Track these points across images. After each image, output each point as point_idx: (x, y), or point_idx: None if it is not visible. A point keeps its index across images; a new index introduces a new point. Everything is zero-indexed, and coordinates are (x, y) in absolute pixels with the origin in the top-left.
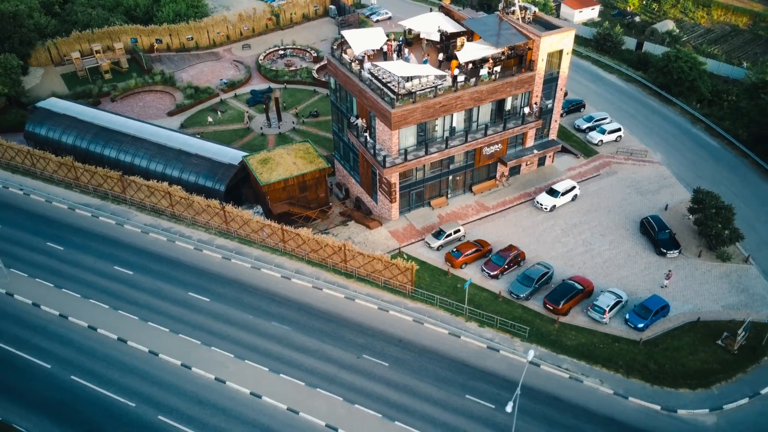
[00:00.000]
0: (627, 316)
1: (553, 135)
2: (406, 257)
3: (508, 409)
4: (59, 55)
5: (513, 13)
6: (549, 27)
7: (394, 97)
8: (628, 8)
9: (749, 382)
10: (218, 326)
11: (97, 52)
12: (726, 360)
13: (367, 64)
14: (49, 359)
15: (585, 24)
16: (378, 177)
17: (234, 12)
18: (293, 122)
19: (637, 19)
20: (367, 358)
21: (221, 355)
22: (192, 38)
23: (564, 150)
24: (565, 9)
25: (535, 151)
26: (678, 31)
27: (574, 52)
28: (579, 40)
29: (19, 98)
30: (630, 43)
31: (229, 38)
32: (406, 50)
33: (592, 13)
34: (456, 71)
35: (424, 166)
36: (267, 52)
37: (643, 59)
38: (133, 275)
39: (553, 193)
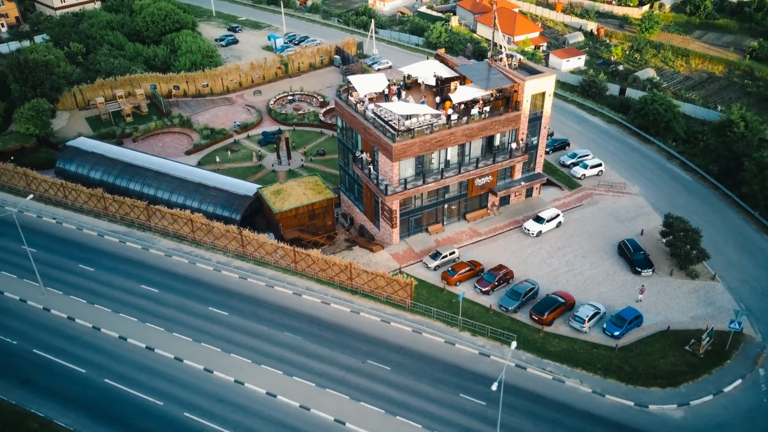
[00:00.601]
0: (605, 326)
1: (539, 168)
2: (406, 276)
3: (494, 387)
4: (84, 100)
5: (501, 60)
6: (532, 72)
7: (395, 133)
8: (612, 58)
9: (713, 382)
10: (236, 336)
11: (120, 97)
12: (693, 363)
13: (370, 105)
14: (84, 365)
15: (572, 72)
16: (380, 204)
17: (246, 61)
18: (302, 160)
19: (621, 67)
20: (371, 363)
21: (239, 361)
22: (207, 85)
23: (550, 183)
24: (553, 59)
25: (523, 183)
26: (658, 78)
27: (561, 97)
28: (566, 86)
29: (48, 139)
30: (614, 89)
31: (242, 85)
32: (404, 93)
33: (579, 62)
34: (450, 111)
35: (422, 194)
36: (277, 97)
37: (624, 103)
38: (159, 293)
39: (539, 220)
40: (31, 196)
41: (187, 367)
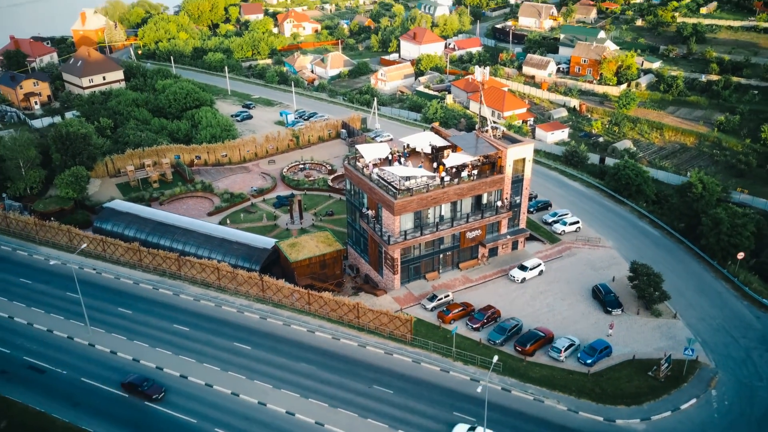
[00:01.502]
0: (579, 355)
1: (522, 224)
2: (406, 314)
3: (479, 389)
4: (114, 168)
5: (487, 131)
6: (514, 141)
7: (396, 191)
8: (593, 131)
9: (672, 401)
10: (259, 366)
11: (148, 165)
12: (655, 386)
13: (375, 169)
14: None
15: (557, 143)
16: (384, 254)
17: (260, 134)
18: (312, 220)
19: (601, 139)
20: (376, 388)
21: (262, 386)
22: (226, 155)
23: (533, 237)
24: (539, 131)
25: (508, 237)
26: (635, 148)
27: (545, 165)
28: (551, 156)
29: (83, 202)
30: (594, 158)
31: (257, 155)
32: (404, 159)
33: (563, 134)
34: (443, 174)
35: (420, 245)
36: (289, 166)
37: (603, 171)
38: (189, 331)
39: (523, 268)
40: (84, 245)
41: (217, 391)
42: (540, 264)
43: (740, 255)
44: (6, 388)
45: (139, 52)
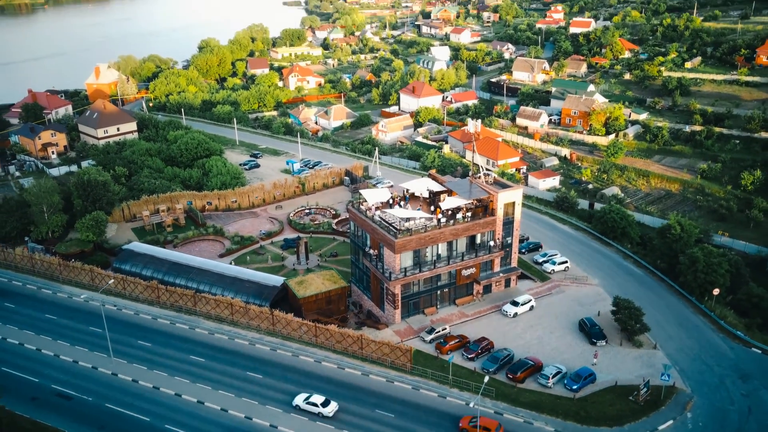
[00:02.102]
0: (565, 382)
1: (514, 263)
2: (406, 345)
3: (471, 404)
4: (130, 213)
5: (479, 177)
6: (504, 186)
7: (397, 231)
8: (583, 178)
9: (650, 422)
10: (270, 393)
11: (162, 211)
12: (635, 409)
13: (377, 212)
14: (148, 414)
15: (548, 190)
16: (385, 290)
17: (268, 181)
18: (318, 261)
19: (590, 186)
20: (379, 412)
21: (273, 410)
22: (236, 201)
23: (525, 276)
24: (532, 179)
25: (501, 275)
26: (623, 195)
27: (537, 210)
28: (542, 201)
29: (102, 245)
30: (584, 204)
31: (265, 201)
32: (402, 202)
33: (554, 182)
34: (440, 216)
35: (419, 281)
36: (296, 210)
37: (591, 215)
38: (205, 362)
39: (515, 304)
40: (112, 280)
41: (232, 415)
42: (531, 300)
43: (716, 291)
44: (37, 413)
45: (150, 104)
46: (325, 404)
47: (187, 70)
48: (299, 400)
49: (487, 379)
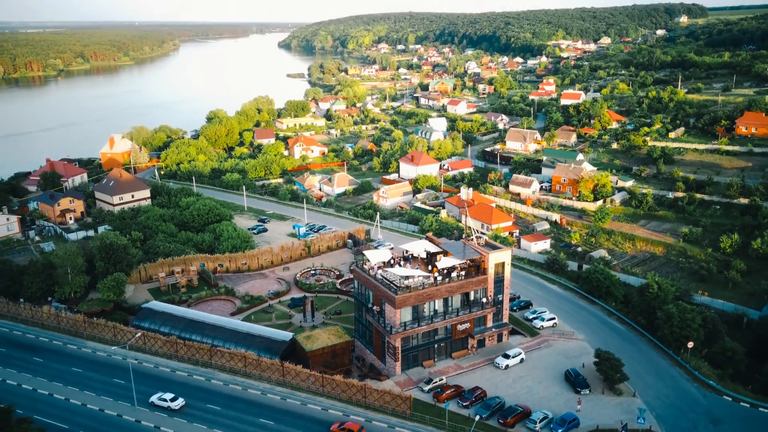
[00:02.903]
0: (551, 426)
1: (505, 319)
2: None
3: None
4: (146, 275)
5: (472, 240)
6: (495, 248)
7: (397, 288)
8: (572, 241)
9: None
10: None
11: (177, 272)
12: None
13: (379, 270)
14: None
15: (539, 252)
16: (386, 343)
17: (276, 244)
18: (323, 318)
19: (579, 249)
20: None
21: None
22: (246, 263)
23: (516, 331)
24: (524, 242)
25: (493, 330)
26: (610, 257)
27: (528, 271)
28: (534, 263)
29: (121, 304)
30: (573, 265)
31: (273, 263)
32: (402, 262)
33: (545, 245)
34: (436, 274)
35: (418, 335)
36: (302, 272)
37: (579, 276)
38: (221, 410)
39: (506, 356)
40: (139, 333)
41: None
42: (521, 353)
43: (690, 344)
44: None
45: (162, 172)
46: None
47: (197, 140)
48: None
49: (477, 419)
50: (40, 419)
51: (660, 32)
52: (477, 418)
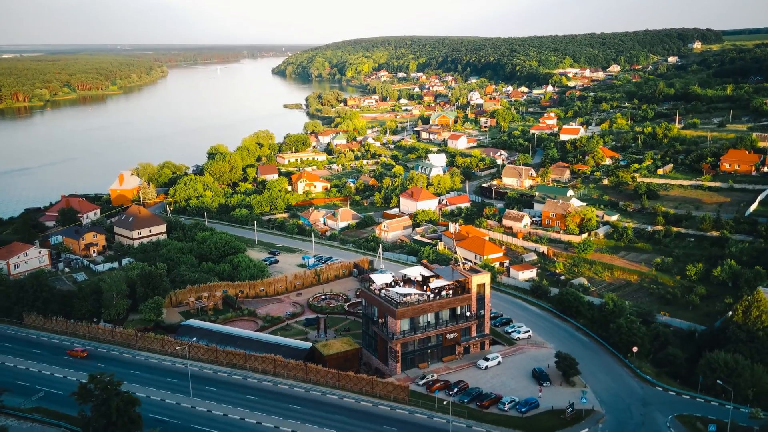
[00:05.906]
0: (517, 407)
1: (487, 330)
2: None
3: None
4: (176, 300)
5: (459, 266)
6: (477, 272)
7: (397, 303)
8: (557, 270)
9: (573, 431)
10: (307, 416)
11: (204, 297)
12: (564, 423)
13: (382, 290)
14: (223, 431)
15: (527, 281)
16: (389, 349)
17: (290, 273)
18: (334, 334)
19: (563, 277)
20: (386, 427)
21: (310, 427)
22: (263, 290)
23: (496, 342)
24: (513, 271)
25: (476, 339)
26: (588, 284)
27: (513, 295)
28: (520, 290)
29: (159, 324)
30: (555, 291)
31: (287, 289)
32: (401, 283)
33: (532, 273)
34: (429, 293)
35: (414, 341)
36: (314, 296)
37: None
38: (257, 399)
39: (486, 359)
40: (195, 337)
41: (282, 429)
42: (499, 357)
43: (634, 348)
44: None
45: (171, 208)
46: None
47: (204, 176)
48: None
49: (452, 400)
50: None
51: (672, 59)
52: (452, 400)
